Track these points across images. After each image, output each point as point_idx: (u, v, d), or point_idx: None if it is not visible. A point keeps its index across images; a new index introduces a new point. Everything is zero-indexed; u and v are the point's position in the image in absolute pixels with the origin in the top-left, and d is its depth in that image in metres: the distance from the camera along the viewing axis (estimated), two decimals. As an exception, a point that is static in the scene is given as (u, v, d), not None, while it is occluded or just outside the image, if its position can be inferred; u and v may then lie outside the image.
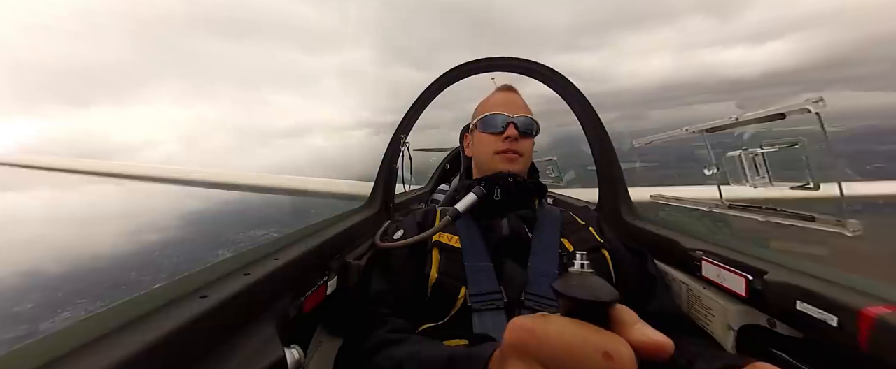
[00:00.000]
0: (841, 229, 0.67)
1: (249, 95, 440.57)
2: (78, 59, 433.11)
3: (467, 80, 1.47)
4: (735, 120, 0.88)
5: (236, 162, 50.06)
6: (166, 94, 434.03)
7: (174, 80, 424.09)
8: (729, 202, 0.99)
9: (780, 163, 0.83)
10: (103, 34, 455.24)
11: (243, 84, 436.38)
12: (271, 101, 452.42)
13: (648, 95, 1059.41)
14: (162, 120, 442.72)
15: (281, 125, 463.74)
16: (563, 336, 0.30)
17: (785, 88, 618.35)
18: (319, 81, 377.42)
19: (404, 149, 1.56)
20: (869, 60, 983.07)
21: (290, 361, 0.57)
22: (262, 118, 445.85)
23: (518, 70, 1.42)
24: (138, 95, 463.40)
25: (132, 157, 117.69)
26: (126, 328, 0.42)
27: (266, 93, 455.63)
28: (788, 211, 0.80)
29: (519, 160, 1.00)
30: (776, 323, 0.71)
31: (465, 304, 0.76)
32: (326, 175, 6.44)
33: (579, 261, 0.35)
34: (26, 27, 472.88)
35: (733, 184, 0.94)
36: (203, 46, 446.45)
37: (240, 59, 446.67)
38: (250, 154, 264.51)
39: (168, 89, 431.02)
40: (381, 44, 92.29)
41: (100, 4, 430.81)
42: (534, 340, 0.31)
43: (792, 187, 0.80)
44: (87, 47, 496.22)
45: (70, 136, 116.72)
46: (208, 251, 37.80)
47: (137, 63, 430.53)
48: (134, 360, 0.38)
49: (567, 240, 0.88)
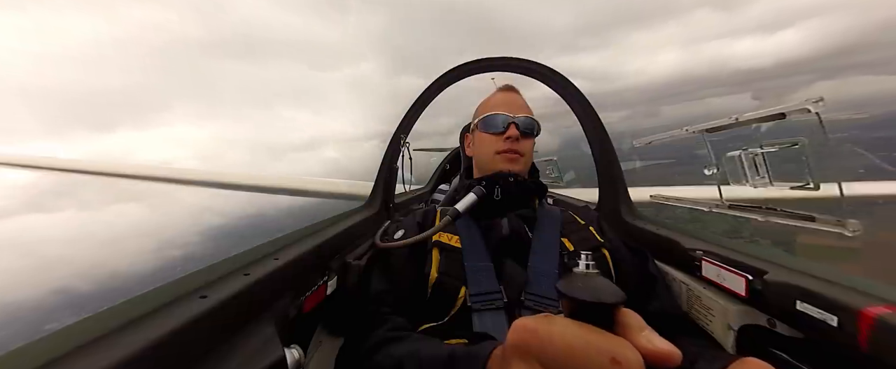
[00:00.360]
0: (841, 229, 0.67)
1: (264, 113, 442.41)
2: (103, 87, 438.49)
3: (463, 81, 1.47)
4: (735, 120, 0.88)
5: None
6: (185, 116, 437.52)
7: (193, 101, 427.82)
8: (729, 202, 0.99)
9: (780, 162, 0.83)
10: (126, 62, 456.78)
11: (257, 102, 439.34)
12: (285, 117, 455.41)
13: (658, 92, 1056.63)
14: (182, 139, 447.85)
15: (294, 140, 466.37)
16: (565, 338, 0.30)
17: (800, 77, 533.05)
18: (330, 95, 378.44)
19: (404, 149, 1.56)
20: (883, 44, 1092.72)
21: (290, 361, 0.57)
22: (276, 134, 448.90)
23: (518, 70, 1.41)
24: (160, 118, 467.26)
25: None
26: (126, 328, 0.42)
27: (279, 110, 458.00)
28: (788, 211, 0.80)
29: (520, 160, 1.00)
30: (776, 323, 0.71)
31: (465, 304, 0.76)
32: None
33: (584, 262, 0.35)
34: (54, 57, 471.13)
35: (733, 184, 0.94)
36: (219, 68, 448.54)
37: (254, 79, 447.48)
38: (266, 168, 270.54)
39: (186, 110, 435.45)
40: (387, 55, 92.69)
41: (123, 33, 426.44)
42: (536, 341, 0.31)
43: (792, 187, 0.80)
44: (111, 75, 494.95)
45: (97, 159, 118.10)
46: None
47: (159, 87, 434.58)
48: (134, 360, 0.37)
49: (567, 240, 0.88)
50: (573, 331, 0.30)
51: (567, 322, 0.31)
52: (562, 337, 0.30)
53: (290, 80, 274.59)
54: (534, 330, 0.32)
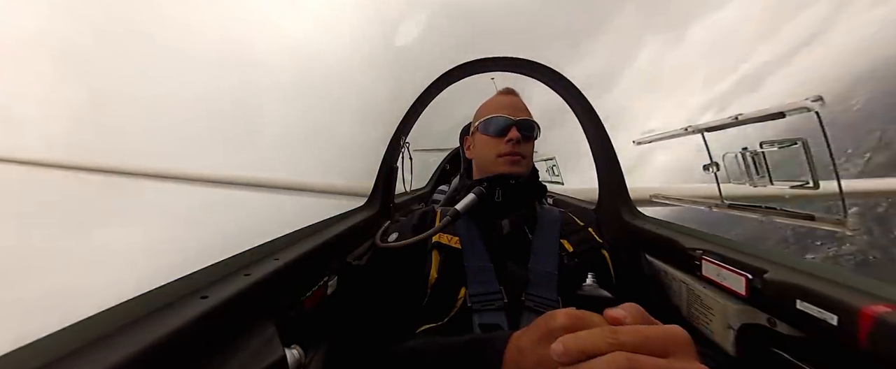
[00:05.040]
0: (840, 227, 0.67)
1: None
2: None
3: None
4: (735, 118, 0.88)
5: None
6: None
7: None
8: (729, 201, 0.99)
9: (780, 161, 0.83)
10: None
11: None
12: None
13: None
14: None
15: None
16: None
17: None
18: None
19: (404, 150, 1.56)
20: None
21: (290, 361, 0.57)
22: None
23: (517, 70, 1.41)
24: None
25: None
26: (126, 328, 0.42)
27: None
28: (788, 209, 0.80)
29: (522, 162, 1.00)
30: (776, 322, 0.71)
31: (465, 305, 0.76)
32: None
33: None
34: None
35: (734, 182, 0.94)
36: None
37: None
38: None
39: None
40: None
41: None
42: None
43: (792, 186, 0.80)
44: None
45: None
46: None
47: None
48: (134, 360, 0.37)
49: (566, 241, 0.88)
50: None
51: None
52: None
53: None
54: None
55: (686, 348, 0.34)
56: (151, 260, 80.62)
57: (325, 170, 21.30)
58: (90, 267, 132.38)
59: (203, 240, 30.00)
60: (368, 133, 1.95)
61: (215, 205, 38.48)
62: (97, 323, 0.42)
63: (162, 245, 61.82)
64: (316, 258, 0.84)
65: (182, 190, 5.26)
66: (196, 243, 32.62)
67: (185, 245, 38.15)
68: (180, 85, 46.93)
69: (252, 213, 15.36)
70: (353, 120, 49.61)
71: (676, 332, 0.35)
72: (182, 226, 37.59)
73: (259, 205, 4.18)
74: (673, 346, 0.34)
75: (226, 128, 43.37)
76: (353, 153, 17.83)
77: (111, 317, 0.43)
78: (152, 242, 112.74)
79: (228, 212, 56.23)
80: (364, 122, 36.02)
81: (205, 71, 40.43)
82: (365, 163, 1.53)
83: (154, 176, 8.04)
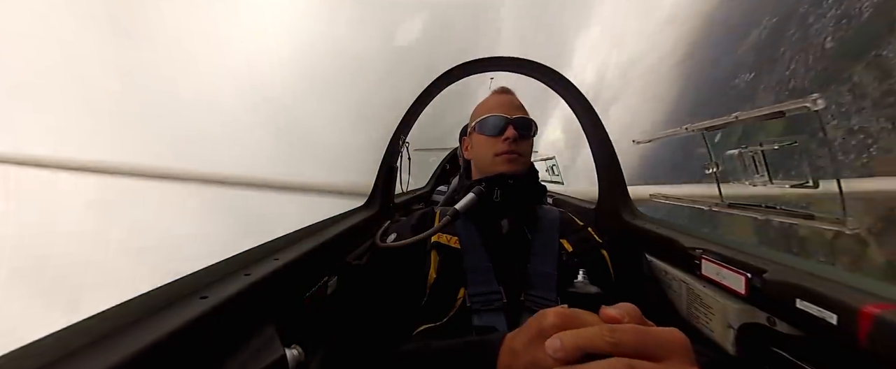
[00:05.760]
0: (840, 227, 0.67)
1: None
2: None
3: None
4: (734, 117, 0.88)
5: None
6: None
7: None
8: (728, 200, 0.99)
9: (780, 161, 0.83)
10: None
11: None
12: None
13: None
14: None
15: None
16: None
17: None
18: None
19: (404, 149, 1.56)
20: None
21: (290, 361, 0.57)
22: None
23: (517, 70, 1.41)
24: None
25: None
26: (126, 328, 0.42)
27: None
28: (788, 209, 0.80)
29: (520, 160, 1.00)
30: (776, 321, 0.71)
31: (465, 304, 0.76)
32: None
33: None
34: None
35: (733, 182, 0.94)
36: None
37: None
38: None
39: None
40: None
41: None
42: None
43: (792, 185, 0.80)
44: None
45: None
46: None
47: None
48: (134, 360, 0.38)
49: (566, 241, 0.88)
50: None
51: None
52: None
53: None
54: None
55: (684, 351, 0.34)
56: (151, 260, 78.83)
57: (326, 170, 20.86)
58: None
59: (203, 240, 29.61)
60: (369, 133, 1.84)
61: (215, 204, 37.80)
62: (97, 323, 0.42)
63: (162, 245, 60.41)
64: (316, 258, 0.84)
65: (182, 190, 5.24)
66: (196, 243, 32.34)
67: (184, 245, 37.87)
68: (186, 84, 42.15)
69: (252, 213, 15.33)
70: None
71: (675, 335, 0.35)
72: (181, 225, 36.32)
73: (259, 204, 4.13)
74: (671, 350, 0.34)
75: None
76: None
77: (111, 317, 0.43)
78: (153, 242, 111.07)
79: (228, 212, 55.11)
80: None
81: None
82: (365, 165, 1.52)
83: (154, 176, 8.03)
